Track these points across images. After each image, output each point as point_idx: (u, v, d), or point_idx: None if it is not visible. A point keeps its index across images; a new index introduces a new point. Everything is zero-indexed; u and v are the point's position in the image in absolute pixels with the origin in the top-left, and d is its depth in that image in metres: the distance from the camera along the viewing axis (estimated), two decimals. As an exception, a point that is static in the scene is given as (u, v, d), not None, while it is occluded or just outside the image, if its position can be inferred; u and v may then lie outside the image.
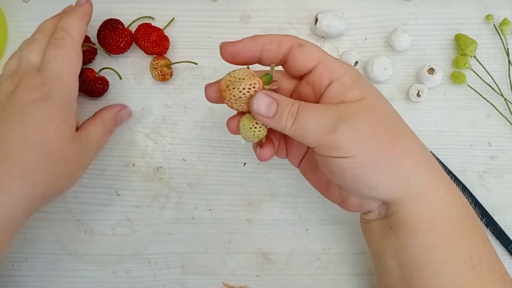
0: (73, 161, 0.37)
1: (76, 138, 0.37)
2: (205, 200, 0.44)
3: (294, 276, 0.44)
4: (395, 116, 0.32)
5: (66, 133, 0.36)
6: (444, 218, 0.31)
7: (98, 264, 0.43)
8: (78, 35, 0.39)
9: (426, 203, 0.31)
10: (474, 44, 0.44)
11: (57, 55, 0.37)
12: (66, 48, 0.37)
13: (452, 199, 0.32)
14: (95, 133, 0.39)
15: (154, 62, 0.44)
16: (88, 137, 0.38)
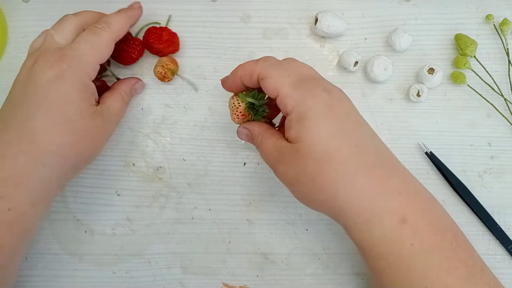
0: (96, 134, 0.38)
1: (97, 113, 0.38)
2: (205, 200, 0.45)
3: (294, 276, 0.44)
4: (332, 155, 0.31)
5: (87, 111, 0.37)
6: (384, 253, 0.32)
7: (98, 264, 0.44)
8: (117, 31, 0.39)
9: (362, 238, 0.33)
10: (474, 44, 0.44)
11: (89, 39, 0.37)
12: (100, 36, 0.38)
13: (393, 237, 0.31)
14: (115, 105, 0.40)
15: (164, 61, 0.44)
16: (108, 111, 0.39)
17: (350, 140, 0.32)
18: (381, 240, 0.31)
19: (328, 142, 0.31)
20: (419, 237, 0.31)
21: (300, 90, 0.33)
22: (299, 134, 0.32)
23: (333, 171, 0.31)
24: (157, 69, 0.44)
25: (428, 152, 0.45)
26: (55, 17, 0.46)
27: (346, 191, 0.31)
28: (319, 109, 0.32)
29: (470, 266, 0.32)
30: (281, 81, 0.33)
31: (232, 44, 0.46)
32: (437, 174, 0.45)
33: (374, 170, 0.32)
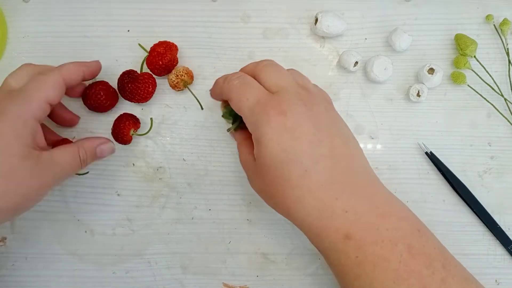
0: (25, 179, 0.35)
1: (30, 157, 0.35)
2: (205, 200, 0.44)
3: (294, 276, 0.44)
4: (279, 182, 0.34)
5: (16, 149, 0.34)
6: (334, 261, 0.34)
7: (98, 264, 0.44)
8: (66, 73, 0.38)
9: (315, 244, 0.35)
10: (474, 44, 0.44)
11: (37, 79, 0.37)
12: (48, 76, 0.37)
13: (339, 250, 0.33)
14: (62, 158, 0.38)
15: (179, 71, 0.44)
16: (50, 159, 0.37)
17: (300, 164, 0.33)
18: (329, 251, 0.34)
19: (279, 167, 0.33)
20: (363, 252, 0.32)
21: (256, 116, 0.34)
22: (258, 156, 0.35)
23: (283, 193, 0.34)
24: (171, 77, 0.44)
25: (428, 152, 0.45)
26: (55, 17, 0.46)
27: (296, 211, 0.34)
28: (271, 135, 0.33)
29: (425, 276, 0.31)
30: (240, 105, 0.35)
31: (232, 44, 0.46)
32: (437, 174, 0.45)
33: (321, 192, 0.33)
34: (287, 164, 0.33)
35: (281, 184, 0.34)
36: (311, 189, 0.33)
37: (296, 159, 0.33)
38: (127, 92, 0.43)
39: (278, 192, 0.34)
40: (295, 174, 0.33)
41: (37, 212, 0.44)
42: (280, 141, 0.33)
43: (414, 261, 0.32)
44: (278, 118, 0.33)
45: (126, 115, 0.43)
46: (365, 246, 0.32)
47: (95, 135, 0.45)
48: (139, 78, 0.43)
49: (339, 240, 0.33)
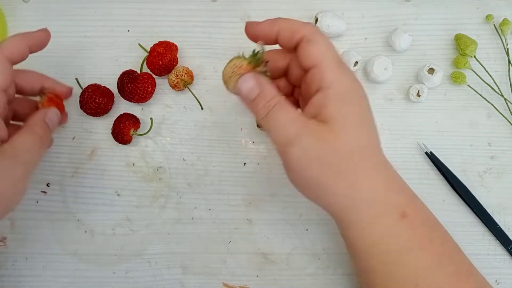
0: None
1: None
2: (205, 200, 0.44)
3: (294, 276, 0.44)
4: (354, 147, 0.31)
5: None
6: (381, 250, 0.32)
7: (98, 264, 0.43)
8: (8, 50, 0.34)
9: (364, 234, 0.33)
10: (474, 44, 0.44)
11: None
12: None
13: (392, 233, 0.32)
14: (23, 143, 0.34)
15: (180, 71, 0.44)
16: (13, 149, 0.34)
17: (375, 137, 0.33)
18: (381, 236, 0.32)
19: (364, 132, 0.32)
20: (414, 233, 0.32)
21: (342, 69, 0.32)
22: (335, 115, 0.31)
23: (360, 160, 0.31)
24: (171, 77, 0.44)
25: (428, 152, 0.44)
26: (55, 17, 0.46)
27: (366, 181, 0.32)
28: (361, 95, 0.32)
29: (459, 264, 0.33)
30: (328, 52, 0.31)
31: (232, 44, 0.46)
32: (437, 174, 0.45)
33: (387, 168, 0.33)
34: (370, 134, 0.33)
35: (359, 150, 0.31)
36: (382, 162, 0.33)
37: (373, 130, 0.33)
38: (127, 92, 0.43)
39: (353, 159, 0.31)
40: (374, 144, 0.33)
41: (37, 212, 0.44)
42: (367, 106, 0.33)
43: (449, 249, 0.34)
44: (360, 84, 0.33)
45: (126, 115, 0.43)
46: (416, 227, 0.32)
47: (95, 135, 0.45)
48: (139, 78, 0.43)
49: (396, 219, 0.32)
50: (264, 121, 0.32)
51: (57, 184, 0.44)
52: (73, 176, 0.44)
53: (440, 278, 0.32)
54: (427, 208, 0.35)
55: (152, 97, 0.45)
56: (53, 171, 0.44)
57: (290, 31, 0.32)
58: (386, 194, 0.32)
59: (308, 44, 0.31)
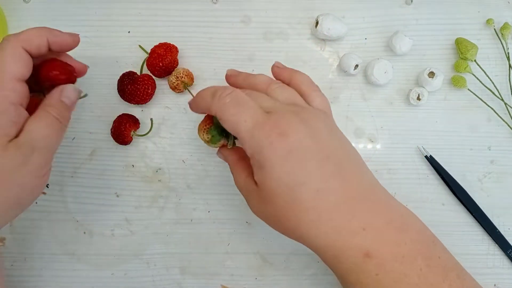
0: (11, 172, 0.32)
1: (10, 145, 0.31)
2: (204, 201, 0.45)
3: (293, 277, 0.44)
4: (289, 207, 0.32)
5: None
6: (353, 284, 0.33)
7: (97, 264, 0.44)
8: (25, 39, 0.33)
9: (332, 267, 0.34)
10: (475, 48, 0.44)
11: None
12: (4, 50, 0.32)
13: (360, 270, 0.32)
14: (38, 128, 0.33)
15: (180, 72, 0.44)
16: (29, 137, 0.32)
17: (310, 185, 0.31)
18: (348, 272, 0.32)
19: (288, 191, 0.32)
20: (383, 269, 0.31)
21: (256, 139, 0.32)
22: (261, 181, 0.33)
23: (295, 217, 0.32)
24: (171, 79, 0.44)
25: (428, 155, 0.44)
26: (55, 17, 0.46)
27: (312, 234, 0.32)
28: (275, 159, 0.31)
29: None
30: (237, 127, 0.32)
31: (232, 46, 0.46)
32: (436, 178, 0.45)
33: (337, 211, 0.32)
34: (296, 188, 0.31)
35: (293, 208, 0.32)
36: (326, 209, 0.32)
37: (305, 181, 0.31)
38: (127, 93, 0.43)
39: (290, 217, 0.32)
40: (306, 197, 0.31)
41: (36, 213, 0.44)
42: (286, 163, 0.31)
43: (432, 274, 0.31)
44: (280, 140, 0.31)
45: (126, 115, 0.43)
46: (385, 264, 0.31)
47: (95, 135, 0.45)
48: (139, 80, 0.43)
49: (358, 260, 0.31)
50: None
51: (57, 185, 0.44)
52: (73, 176, 0.44)
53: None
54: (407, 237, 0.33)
55: (152, 98, 0.45)
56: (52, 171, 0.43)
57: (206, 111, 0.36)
58: (340, 239, 0.32)
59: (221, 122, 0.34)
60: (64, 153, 0.44)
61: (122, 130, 0.43)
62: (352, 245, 0.32)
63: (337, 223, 0.32)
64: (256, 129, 0.32)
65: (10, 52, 0.32)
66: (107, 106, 0.45)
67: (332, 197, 0.32)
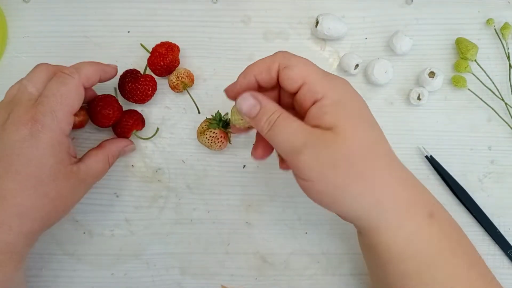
0: (69, 195, 0.37)
1: (72, 174, 0.36)
2: (204, 201, 0.44)
3: (293, 278, 0.44)
4: (363, 149, 0.31)
5: (60, 173, 0.35)
6: (413, 252, 0.32)
7: (96, 265, 0.44)
8: (86, 77, 0.37)
9: (391, 237, 0.32)
10: (475, 48, 0.44)
11: (57, 91, 0.35)
12: (68, 85, 0.36)
13: (424, 233, 0.32)
14: (96, 168, 0.39)
15: (181, 72, 0.44)
16: (87, 172, 0.38)
17: (382, 137, 0.33)
18: (411, 239, 0.31)
19: (370, 132, 0.32)
20: (443, 234, 0.32)
21: (330, 78, 0.32)
22: (338, 120, 0.31)
23: (376, 159, 0.31)
24: (171, 78, 0.44)
25: (428, 155, 0.44)
26: (55, 17, 0.46)
27: (385, 180, 0.31)
28: (356, 98, 0.32)
29: (482, 266, 0.33)
30: (308, 68, 0.32)
31: (232, 46, 0.46)
32: (437, 178, 0.45)
33: (402, 167, 0.33)
34: (377, 131, 0.33)
35: (372, 150, 0.31)
36: (397, 160, 0.33)
37: (379, 128, 0.33)
38: (126, 91, 0.43)
39: (368, 159, 0.31)
40: (385, 143, 0.33)
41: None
42: (365, 106, 0.33)
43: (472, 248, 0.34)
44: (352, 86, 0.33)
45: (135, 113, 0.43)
46: (445, 228, 0.33)
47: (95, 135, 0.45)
48: (140, 79, 0.43)
49: (424, 220, 0.32)
50: (269, 135, 0.32)
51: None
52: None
53: (472, 280, 0.32)
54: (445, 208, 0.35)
55: (153, 98, 0.45)
56: (52, 171, 0.44)
57: (265, 71, 0.33)
58: (410, 194, 0.32)
59: (287, 70, 0.32)
60: (64, 153, 0.44)
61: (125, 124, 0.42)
62: (420, 200, 0.33)
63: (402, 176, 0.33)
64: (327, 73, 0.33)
65: (74, 89, 0.36)
66: (107, 106, 0.45)
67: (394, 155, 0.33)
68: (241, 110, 0.33)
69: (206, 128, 0.41)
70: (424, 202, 0.33)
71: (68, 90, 0.36)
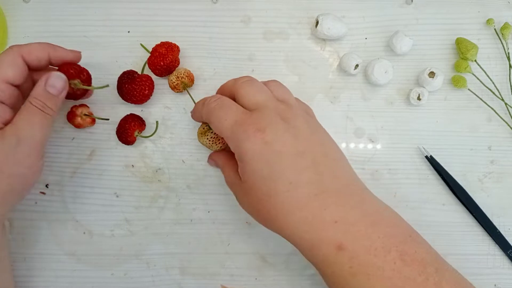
0: (4, 159, 0.34)
1: None
2: (204, 201, 0.44)
3: (293, 278, 0.44)
4: (266, 199, 0.34)
5: None
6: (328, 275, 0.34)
7: (96, 265, 0.44)
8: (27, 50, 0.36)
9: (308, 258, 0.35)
10: (475, 48, 0.44)
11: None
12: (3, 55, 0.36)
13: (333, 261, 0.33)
14: (22, 118, 0.35)
15: (181, 72, 0.44)
16: (14, 126, 0.34)
17: (284, 179, 0.33)
18: (323, 264, 0.34)
19: (264, 184, 0.34)
20: (356, 261, 0.32)
21: (236, 134, 0.35)
22: (242, 174, 0.35)
23: (272, 208, 0.34)
24: (171, 78, 0.44)
25: (428, 156, 0.44)
26: (55, 17, 0.46)
27: (287, 225, 0.34)
28: (252, 153, 0.34)
29: (420, 282, 0.32)
30: (220, 126, 0.36)
31: (232, 46, 0.46)
32: (437, 178, 0.45)
33: (309, 204, 0.33)
34: (272, 179, 0.34)
35: (269, 200, 0.34)
36: (298, 201, 0.33)
37: (279, 174, 0.33)
38: (124, 92, 0.43)
39: (267, 209, 0.34)
40: (281, 189, 0.33)
41: (36, 213, 0.44)
42: (262, 157, 0.34)
43: (407, 268, 0.32)
44: (257, 135, 0.34)
45: (132, 116, 0.43)
46: (358, 256, 0.32)
47: (94, 135, 0.45)
48: (137, 80, 0.42)
49: (331, 252, 0.33)
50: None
51: (56, 185, 0.44)
52: (72, 177, 0.44)
53: None
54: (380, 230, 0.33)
55: (152, 98, 0.45)
56: (52, 171, 0.44)
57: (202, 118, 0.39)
58: (313, 232, 0.33)
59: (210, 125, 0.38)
60: (64, 153, 0.44)
61: (127, 130, 0.43)
62: (324, 237, 0.33)
63: (309, 215, 0.33)
64: (236, 125, 0.35)
65: (9, 59, 0.35)
66: (106, 106, 0.45)
67: (305, 189, 0.33)
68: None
69: (207, 129, 0.41)
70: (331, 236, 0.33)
71: (2, 60, 0.35)
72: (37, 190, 0.44)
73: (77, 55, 0.40)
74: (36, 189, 0.44)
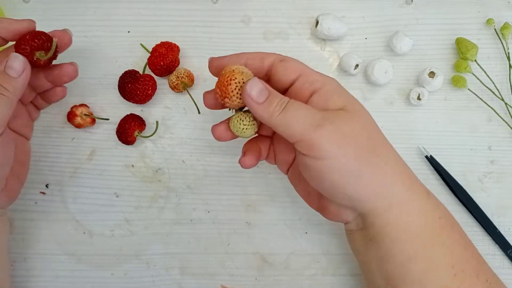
0: None
1: None
2: (204, 201, 0.44)
3: (293, 278, 0.44)
4: (374, 126, 0.34)
5: None
6: (420, 228, 0.32)
7: (96, 265, 0.44)
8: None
9: (400, 213, 0.32)
10: (475, 48, 0.44)
11: None
12: None
13: (428, 209, 0.33)
14: None
15: (181, 72, 0.44)
16: None
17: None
18: (417, 214, 0.32)
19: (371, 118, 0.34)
20: (441, 212, 0.34)
21: (321, 73, 0.34)
22: (346, 101, 0.33)
23: (382, 135, 0.34)
24: (171, 78, 0.44)
25: (428, 155, 0.44)
26: (55, 17, 0.46)
27: (395, 154, 0.34)
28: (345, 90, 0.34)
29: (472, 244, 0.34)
30: (302, 65, 0.34)
31: (232, 46, 0.46)
32: (437, 178, 0.45)
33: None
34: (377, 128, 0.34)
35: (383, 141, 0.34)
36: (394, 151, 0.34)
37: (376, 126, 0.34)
38: (127, 92, 0.43)
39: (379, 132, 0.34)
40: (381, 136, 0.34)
41: (36, 213, 0.44)
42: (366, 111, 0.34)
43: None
44: None
45: (133, 116, 0.43)
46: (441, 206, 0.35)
47: (94, 135, 0.45)
48: (140, 80, 0.43)
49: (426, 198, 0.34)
50: (281, 117, 0.31)
51: (56, 185, 0.44)
52: (72, 177, 0.44)
53: (468, 258, 0.33)
54: None
55: (152, 98, 0.45)
56: (52, 171, 0.44)
57: (259, 58, 0.34)
58: (410, 170, 0.34)
59: (283, 62, 0.34)
60: (64, 153, 0.44)
61: (127, 130, 0.43)
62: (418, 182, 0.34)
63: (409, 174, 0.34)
64: None
65: None
66: (106, 106, 0.45)
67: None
68: (251, 93, 0.31)
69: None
70: (420, 184, 0.34)
71: None
72: (37, 190, 0.44)
73: (30, 22, 0.36)
74: (36, 189, 0.44)
